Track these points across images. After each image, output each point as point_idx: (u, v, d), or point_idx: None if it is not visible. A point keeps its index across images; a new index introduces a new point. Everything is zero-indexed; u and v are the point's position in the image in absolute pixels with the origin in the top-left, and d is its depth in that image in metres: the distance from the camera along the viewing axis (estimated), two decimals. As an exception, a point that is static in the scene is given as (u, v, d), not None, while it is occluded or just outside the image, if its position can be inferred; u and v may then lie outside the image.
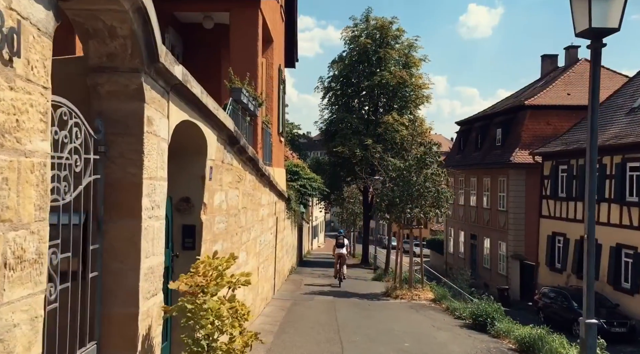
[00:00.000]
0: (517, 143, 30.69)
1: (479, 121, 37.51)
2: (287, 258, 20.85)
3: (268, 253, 13.37)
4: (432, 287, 17.28)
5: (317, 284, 19.79)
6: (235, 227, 8.18)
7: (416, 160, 17.15)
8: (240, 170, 8.41)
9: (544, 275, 26.70)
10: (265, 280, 12.92)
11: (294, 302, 14.27)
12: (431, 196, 16.88)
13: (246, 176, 9.04)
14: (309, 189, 26.21)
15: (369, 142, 31.52)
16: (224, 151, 6.81)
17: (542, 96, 31.76)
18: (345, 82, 34.68)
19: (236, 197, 8.11)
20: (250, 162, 9.05)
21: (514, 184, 30.29)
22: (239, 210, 8.45)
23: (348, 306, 14.25)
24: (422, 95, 33.83)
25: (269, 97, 13.86)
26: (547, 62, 37.25)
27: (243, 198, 8.86)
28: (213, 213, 6.36)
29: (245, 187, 9.11)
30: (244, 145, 7.81)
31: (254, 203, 10.34)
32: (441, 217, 16.98)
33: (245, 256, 9.31)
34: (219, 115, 6.03)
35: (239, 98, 8.58)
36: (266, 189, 12.22)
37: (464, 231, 38.12)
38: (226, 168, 7.09)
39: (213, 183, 6.27)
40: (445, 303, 14.98)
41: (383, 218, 19.43)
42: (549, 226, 26.68)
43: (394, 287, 17.32)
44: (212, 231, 6.36)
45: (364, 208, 38.22)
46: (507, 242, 30.70)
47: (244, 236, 9.14)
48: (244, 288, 9.62)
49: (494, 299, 16.26)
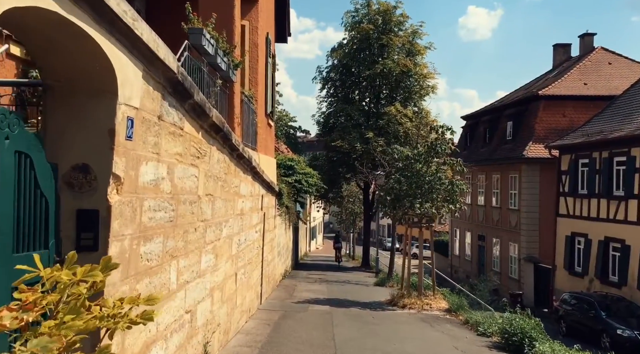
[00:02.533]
0: (530, 137, 28.41)
1: (487, 114, 35.21)
2: (279, 261, 18.54)
3: (252, 255, 11.07)
4: (445, 295, 14.97)
5: (312, 290, 17.48)
6: (193, 220, 5.89)
7: (426, 148, 14.85)
8: (201, 141, 6.12)
9: (562, 280, 24.38)
10: (248, 287, 10.61)
11: (283, 314, 11.96)
12: (444, 190, 14.59)
13: (212, 152, 6.74)
14: (305, 185, 23.92)
15: (370, 136, 29.25)
16: (162, 101, 4.51)
17: (556, 86, 29.48)
18: (345, 72, 32.35)
19: (193, 178, 5.81)
20: (218, 133, 6.76)
21: (527, 180, 27.98)
22: (200, 197, 6.16)
23: (348, 319, 11.93)
24: (427, 86, 31.51)
25: (253, 69, 11.57)
26: (560, 51, 34.97)
27: (208, 181, 6.57)
28: (138, 193, 4.07)
29: (213, 168, 6.82)
30: (201, 103, 5.51)
31: (228, 192, 8.05)
32: (456, 213, 14.67)
33: (212, 260, 7.01)
34: (143, 34, 3.74)
35: (198, 44, 6.30)
36: (247, 177, 9.92)
37: (470, 232, 35.81)
38: (169, 131, 4.80)
39: (137, 147, 3.98)
40: (462, 314, 12.68)
41: (387, 214, 17.10)
42: (567, 226, 24.35)
43: (400, 294, 15.01)
44: (136, 222, 4.06)
45: (364, 208, 35.91)
46: (520, 243, 28.39)
47: (210, 233, 6.84)
48: (211, 300, 7.32)
49: (506, 305, 14.05)
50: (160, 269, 4.75)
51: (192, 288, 6.01)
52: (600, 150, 22.01)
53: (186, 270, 5.72)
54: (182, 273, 5.53)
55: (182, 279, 5.55)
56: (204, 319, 6.63)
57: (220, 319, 7.73)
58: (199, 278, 6.32)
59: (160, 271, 4.78)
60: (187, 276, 5.77)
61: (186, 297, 5.77)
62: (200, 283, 6.42)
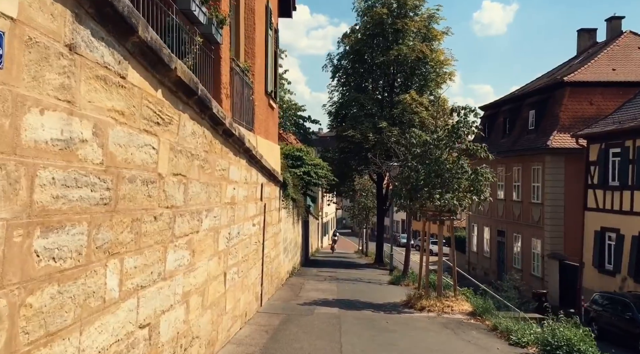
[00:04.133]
0: (554, 126, 26.67)
1: (507, 104, 33.42)
2: (285, 258, 17.12)
3: (248, 251, 9.64)
4: (468, 295, 13.43)
5: (321, 289, 16.04)
6: (150, 206, 4.45)
7: (447, 132, 13.30)
8: (163, 103, 4.68)
9: (591, 278, 22.67)
10: (242, 289, 9.19)
11: (285, 318, 10.53)
12: (466, 179, 13.04)
13: (183, 121, 5.30)
14: (314, 177, 22.42)
15: (383, 125, 27.69)
16: (74, 24, 3.06)
17: (583, 72, 27.67)
18: (357, 59, 30.75)
19: (148, 150, 4.37)
20: (191, 97, 5.32)
21: (551, 172, 26.25)
22: (161, 176, 4.72)
23: (359, 325, 10.45)
24: (443, 73, 29.81)
25: (250, 38, 10.09)
26: (585, 37, 33.05)
27: (177, 158, 5.14)
28: (24, 155, 2.63)
29: (185, 142, 5.38)
30: (154, 45, 4.06)
31: (212, 176, 6.61)
32: (480, 205, 13.11)
33: (186, 258, 5.58)
34: None
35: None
36: (240, 160, 8.47)
37: (489, 227, 34.11)
38: (96, 74, 3.35)
39: (17, 82, 2.54)
40: (489, 318, 11.14)
41: (403, 208, 15.56)
42: (596, 221, 22.62)
43: (417, 295, 13.50)
44: (20, 201, 2.62)
45: (377, 202, 34.35)
46: (543, 239, 26.69)
47: (183, 224, 5.41)
48: (185, 308, 5.90)
49: (548, 310, 12.53)
50: (83, 272, 3.32)
51: (150, 295, 4.59)
52: (634, 137, 20.27)
53: (139, 271, 4.29)
54: (130, 276, 4.10)
55: (130, 284, 4.12)
56: (172, 333, 5.21)
57: (200, 330, 6.30)
58: (163, 281, 4.89)
59: (85, 275, 3.35)
60: (140, 280, 4.33)
61: (140, 307, 4.34)
62: (166, 287, 4.99)
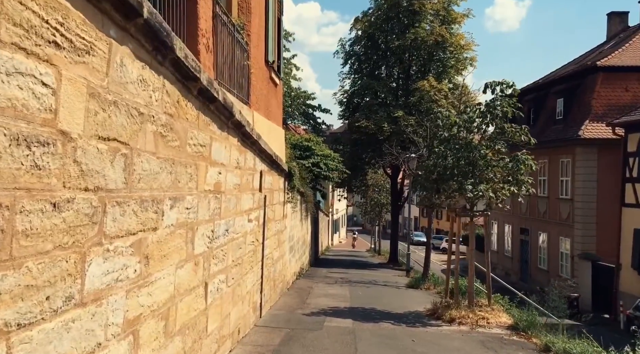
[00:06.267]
0: (586, 115, 24.54)
1: (531, 93, 31.21)
2: (291, 258, 15.22)
3: (242, 253, 7.75)
4: (505, 305, 11.46)
5: (331, 295, 14.14)
6: (38, 186, 2.55)
7: (479, 112, 11.31)
8: (70, 13, 2.77)
9: (629, 281, 20.57)
10: (234, 301, 7.30)
11: (288, 334, 8.63)
12: (503, 167, 11.05)
13: (121, 56, 3.40)
14: (324, 169, 20.51)
15: (399, 115, 25.70)
16: None
17: (617, 56, 25.50)
18: (370, 45, 28.75)
19: (31, 82, 2.47)
20: (132, 19, 3.42)
21: (582, 165, 24.13)
22: (74, 139, 2.82)
23: (379, 345, 8.52)
24: (464, 58, 27.73)
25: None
26: (615, 20, 30.82)
27: (105, 111, 3.25)
28: None
29: (125, 91, 3.49)
30: None
31: (181, 151, 4.72)
32: (520, 198, 11.12)
33: (132, 268, 3.68)
34: None
35: None
36: (228, 137, 6.56)
37: (511, 225, 32.02)
38: None
39: None
40: (537, 335, 9.15)
41: (426, 202, 13.58)
42: (636, 218, 20.50)
43: (445, 304, 11.55)
44: None
45: (392, 198, 32.38)
46: (573, 238, 24.59)
47: (125, 217, 3.52)
48: (130, 343, 4.00)
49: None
50: None
51: (42, 338, 2.69)
52: (681, 125, 18.18)
53: (8, 300, 2.40)
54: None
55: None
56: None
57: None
58: (76, 309, 2.99)
59: None
60: (12, 316, 2.44)
61: (15, 362, 2.45)
62: (85, 318, 3.10)
